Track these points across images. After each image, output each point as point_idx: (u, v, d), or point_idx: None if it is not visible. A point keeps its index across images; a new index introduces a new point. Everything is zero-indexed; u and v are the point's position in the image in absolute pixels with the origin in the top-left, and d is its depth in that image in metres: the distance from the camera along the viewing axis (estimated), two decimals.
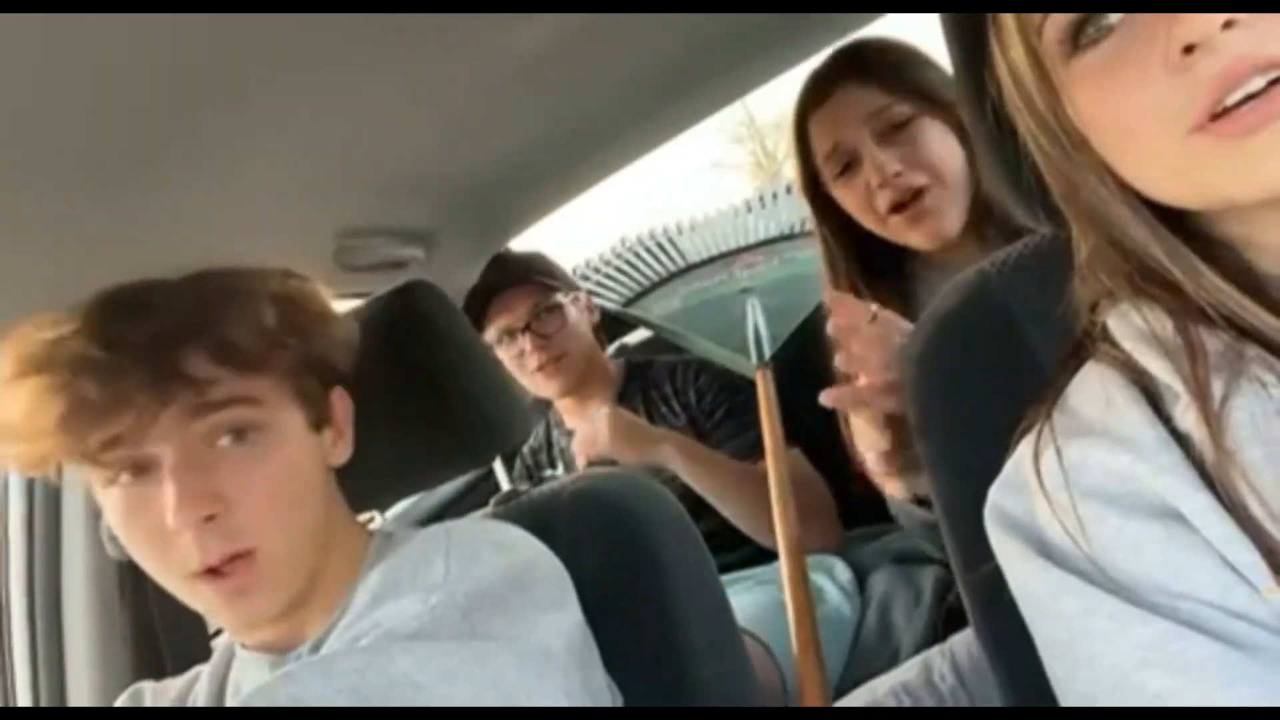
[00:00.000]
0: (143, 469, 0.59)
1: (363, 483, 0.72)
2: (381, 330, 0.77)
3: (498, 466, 1.54)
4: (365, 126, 1.00)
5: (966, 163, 0.93)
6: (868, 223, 0.99)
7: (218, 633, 0.98)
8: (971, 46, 0.52)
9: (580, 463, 1.33)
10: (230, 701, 0.68)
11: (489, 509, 0.84)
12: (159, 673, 0.78)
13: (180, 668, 0.75)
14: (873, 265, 1.02)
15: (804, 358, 0.92)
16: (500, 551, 0.64)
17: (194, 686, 0.71)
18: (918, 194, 0.93)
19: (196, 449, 0.59)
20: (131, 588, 0.88)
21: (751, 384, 1.21)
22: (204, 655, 0.75)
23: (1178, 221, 0.44)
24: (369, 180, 1.14)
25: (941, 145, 0.94)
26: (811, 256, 1.12)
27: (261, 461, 0.61)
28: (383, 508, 0.86)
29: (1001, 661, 0.57)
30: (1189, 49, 0.37)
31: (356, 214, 1.18)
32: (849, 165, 0.97)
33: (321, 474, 0.67)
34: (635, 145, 1.46)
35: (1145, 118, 0.40)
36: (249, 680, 0.66)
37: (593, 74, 1.14)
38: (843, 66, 1.00)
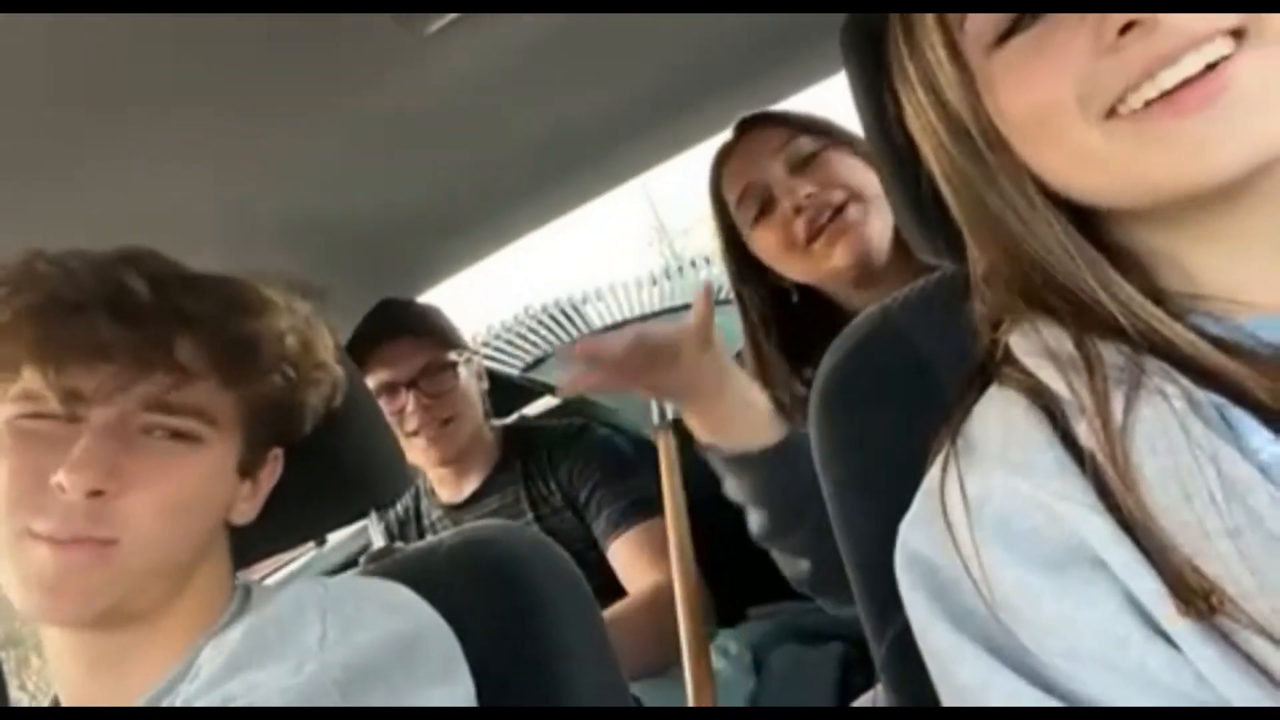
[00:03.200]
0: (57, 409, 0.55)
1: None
2: None
3: (372, 524, 1.42)
4: (247, 173, 0.96)
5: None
6: (789, 263, 0.96)
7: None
8: (873, 76, 0.52)
9: None
10: None
11: (361, 567, 0.77)
12: None
13: None
14: (796, 334, 1.00)
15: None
16: (386, 614, 0.59)
17: None
18: (837, 211, 0.91)
19: (129, 426, 0.56)
20: None
21: (627, 449, 1.16)
22: None
23: (1086, 231, 0.43)
24: (251, 226, 1.09)
25: (853, 168, 0.93)
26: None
27: (176, 469, 0.57)
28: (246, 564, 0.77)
29: None
30: (1127, 27, 0.36)
31: (235, 259, 1.12)
32: (764, 205, 0.96)
33: (219, 516, 0.62)
34: (530, 217, 1.45)
35: (1062, 102, 0.38)
36: None
37: (489, 134, 1.12)
38: (748, 119, 1.02)
